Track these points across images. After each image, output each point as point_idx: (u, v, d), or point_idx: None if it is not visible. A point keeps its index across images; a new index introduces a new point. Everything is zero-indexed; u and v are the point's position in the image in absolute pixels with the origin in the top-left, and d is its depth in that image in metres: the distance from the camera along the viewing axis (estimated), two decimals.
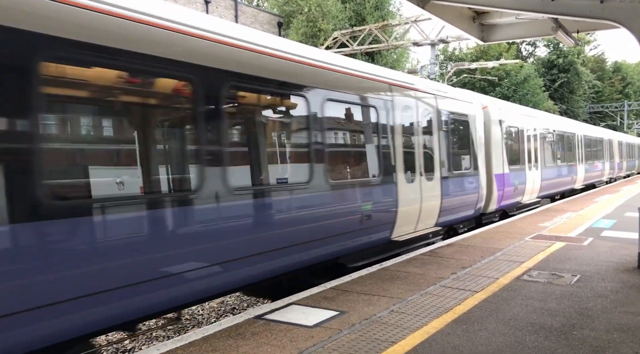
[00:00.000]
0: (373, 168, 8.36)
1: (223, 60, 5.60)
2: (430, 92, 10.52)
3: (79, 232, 4.25)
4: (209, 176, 5.31)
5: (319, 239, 6.93)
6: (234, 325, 5.31)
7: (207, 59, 5.40)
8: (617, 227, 12.04)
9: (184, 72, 5.17)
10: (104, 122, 5.22)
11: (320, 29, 27.13)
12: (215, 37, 5.56)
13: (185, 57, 5.16)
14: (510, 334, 5.01)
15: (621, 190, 24.37)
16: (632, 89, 67.49)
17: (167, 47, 5.02)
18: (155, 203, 4.94)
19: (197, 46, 5.32)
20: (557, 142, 19.99)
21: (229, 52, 5.72)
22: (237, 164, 6.03)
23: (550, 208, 16.69)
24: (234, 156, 5.88)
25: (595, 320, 5.43)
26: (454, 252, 9.07)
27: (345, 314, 5.63)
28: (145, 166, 5.18)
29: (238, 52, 5.84)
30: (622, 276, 7.31)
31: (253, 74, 6.03)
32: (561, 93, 50.78)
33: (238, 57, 5.83)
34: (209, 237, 5.33)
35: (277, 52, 6.45)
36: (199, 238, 5.24)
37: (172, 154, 5.67)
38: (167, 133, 5.68)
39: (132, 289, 4.63)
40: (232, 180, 5.56)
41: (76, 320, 4.29)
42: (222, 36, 5.64)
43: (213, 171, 5.38)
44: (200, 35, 5.36)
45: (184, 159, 5.63)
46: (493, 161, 13.35)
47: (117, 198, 4.72)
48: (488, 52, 42.63)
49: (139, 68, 4.79)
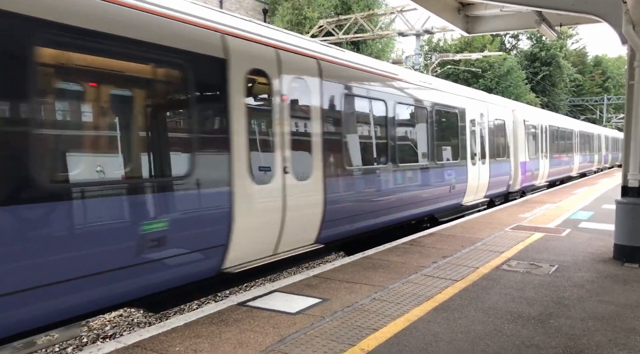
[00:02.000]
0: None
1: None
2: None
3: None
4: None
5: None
6: (216, 312, 5.33)
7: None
8: (594, 219, 12.28)
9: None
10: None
11: (305, 17, 26.97)
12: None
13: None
14: (489, 323, 5.11)
15: (599, 183, 24.81)
16: (612, 83, 68.48)
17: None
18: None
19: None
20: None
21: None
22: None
23: (530, 200, 16.94)
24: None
25: (572, 309, 5.56)
26: (435, 242, 9.18)
27: (327, 301, 5.69)
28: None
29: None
30: (598, 267, 7.48)
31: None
32: (543, 86, 51.27)
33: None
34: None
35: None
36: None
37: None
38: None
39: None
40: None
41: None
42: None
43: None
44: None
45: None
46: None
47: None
48: (472, 44, 42.82)
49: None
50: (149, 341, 4.55)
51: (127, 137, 5.22)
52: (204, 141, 5.70)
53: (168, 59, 5.28)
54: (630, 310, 5.55)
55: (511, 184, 16.87)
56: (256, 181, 6.28)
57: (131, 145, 5.25)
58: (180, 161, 5.49)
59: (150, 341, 4.57)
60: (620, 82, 70.10)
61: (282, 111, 6.81)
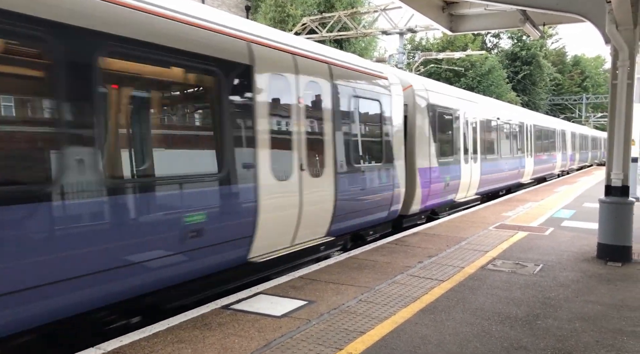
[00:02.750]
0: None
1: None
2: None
3: None
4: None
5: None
6: (199, 315, 5.20)
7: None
8: (576, 217, 12.39)
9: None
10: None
11: (289, 15, 26.79)
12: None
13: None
14: (477, 324, 5.06)
15: (579, 181, 25.12)
16: (590, 82, 69.49)
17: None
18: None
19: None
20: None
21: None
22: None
23: (512, 198, 17.05)
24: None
25: (558, 309, 5.55)
26: (420, 241, 9.14)
27: (313, 303, 5.59)
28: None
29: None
30: (583, 266, 7.51)
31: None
32: (524, 85, 51.80)
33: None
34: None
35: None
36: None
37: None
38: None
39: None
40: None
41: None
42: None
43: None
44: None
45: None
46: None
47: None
48: (454, 43, 43.05)
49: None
50: (129, 347, 4.40)
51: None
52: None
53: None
54: (615, 310, 5.55)
55: (399, 206, 10.30)
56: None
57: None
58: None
59: (130, 347, 4.41)
60: (598, 82, 71.31)
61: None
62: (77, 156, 4.36)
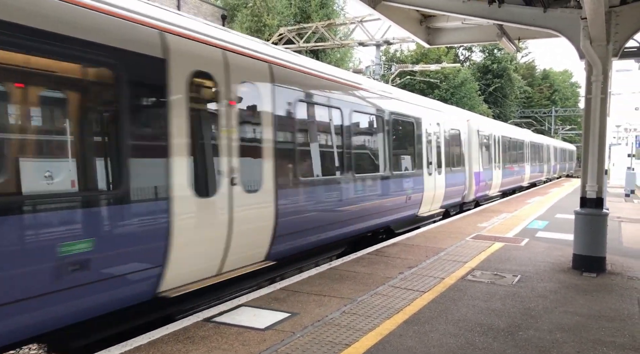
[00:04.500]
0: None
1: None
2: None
3: None
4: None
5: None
6: (182, 328, 5.09)
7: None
8: (550, 228, 12.61)
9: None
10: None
11: (265, 24, 26.80)
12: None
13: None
14: (460, 336, 5.08)
15: (550, 192, 25.65)
16: (558, 95, 71.27)
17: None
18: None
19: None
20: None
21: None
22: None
23: (487, 209, 17.28)
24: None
25: (539, 320, 5.61)
26: (400, 252, 9.17)
27: (297, 315, 5.53)
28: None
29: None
30: (559, 276, 7.63)
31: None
32: (495, 97, 52.76)
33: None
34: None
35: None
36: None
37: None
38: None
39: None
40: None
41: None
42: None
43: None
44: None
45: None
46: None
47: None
48: (428, 55, 43.66)
49: None
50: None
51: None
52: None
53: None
54: (594, 320, 5.65)
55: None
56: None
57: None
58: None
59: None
60: (566, 95, 73.22)
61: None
62: None
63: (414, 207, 12.30)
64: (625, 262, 8.76)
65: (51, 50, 4.31)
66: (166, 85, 5.32)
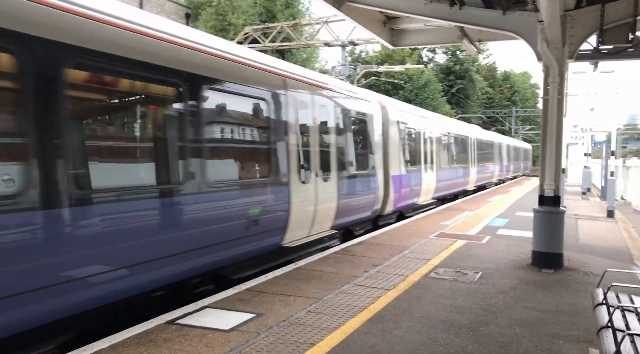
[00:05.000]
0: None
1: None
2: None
3: None
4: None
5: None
6: (144, 331, 5.01)
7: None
8: (510, 226, 12.93)
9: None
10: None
11: (230, 23, 26.58)
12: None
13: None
14: (423, 332, 5.16)
15: (511, 191, 26.29)
16: (519, 97, 73.05)
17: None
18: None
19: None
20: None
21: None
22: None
23: (450, 207, 17.59)
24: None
25: (499, 316, 5.75)
26: (365, 250, 9.25)
27: (262, 316, 5.52)
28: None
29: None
30: (519, 273, 7.84)
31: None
32: (457, 98, 53.76)
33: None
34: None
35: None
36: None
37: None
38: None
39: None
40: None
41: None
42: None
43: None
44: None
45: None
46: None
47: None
48: (392, 56, 44.12)
49: None
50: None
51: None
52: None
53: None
54: (551, 315, 5.82)
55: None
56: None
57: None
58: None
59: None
60: (526, 96, 75.13)
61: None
62: None
63: (268, 236, 7.76)
64: (582, 258, 9.06)
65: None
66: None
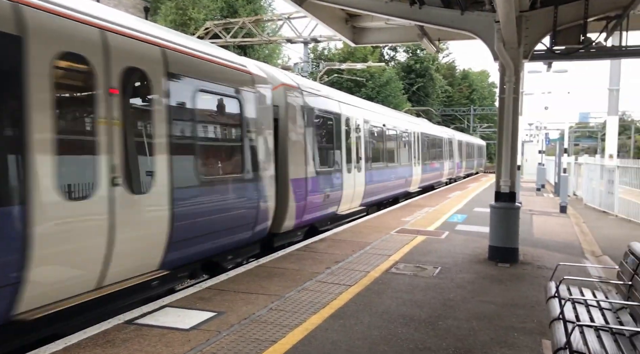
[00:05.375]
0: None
1: None
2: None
3: None
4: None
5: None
6: (101, 332, 4.90)
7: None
8: (468, 221, 13.23)
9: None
10: None
11: (190, 18, 26.18)
12: None
13: None
14: (384, 327, 5.23)
15: (469, 187, 26.87)
16: (477, 95, 74.71)
17: None
18: None
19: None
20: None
21: None
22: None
23: (411, 203, 17.85)
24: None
25: (457, 310, 5.88)
26: (327, 247, 9.29)
27: (223, 314, 5.48)
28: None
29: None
30: (476, 267, 8.03)
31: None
32: (418, 96, 54.57)
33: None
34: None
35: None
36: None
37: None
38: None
39: None
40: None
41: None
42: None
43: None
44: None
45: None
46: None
47: None
48: (354, 54, 44.39)
49: None
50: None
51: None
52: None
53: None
54: (507, 309, 5.99)
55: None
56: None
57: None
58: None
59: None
60: (484, 95, 76.89)
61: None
62: None
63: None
64: (536, 252, 9.36)
65: None
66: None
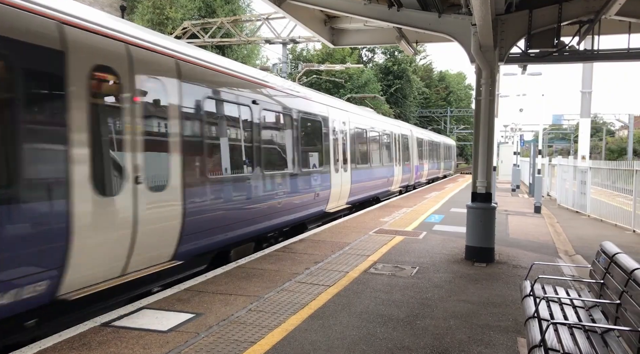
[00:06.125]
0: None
1: None
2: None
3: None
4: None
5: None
6: (77, 335, 4.83)
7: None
8: (445, 221, 13.38)
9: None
10: None
11: (168, 17, 25.93)
12: None
13: None
14: (362, 327, 5.26)
15: (446, 188, 27.16)
16: (454, 97, 75.62)
17: None
18: None
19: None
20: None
21: None
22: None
23: (389, 204, 17.97)
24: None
25: (434, 309, 5.95)
26: (307, 248, 9.31)
27: (201, 316, 5.45)
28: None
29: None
30: (453, 267, 8.13)
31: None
32: (396, 98, 54.92)
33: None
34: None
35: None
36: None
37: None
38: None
39: None
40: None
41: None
42: None
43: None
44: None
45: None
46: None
47: None
48: (333, 55, 44.52)
49: None
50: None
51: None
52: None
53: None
54: (483, 307, 6.09)
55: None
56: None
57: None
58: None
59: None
60: (460, 97, 77.84)
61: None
62: None
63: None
64: (511, 252, 9.52)
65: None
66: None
